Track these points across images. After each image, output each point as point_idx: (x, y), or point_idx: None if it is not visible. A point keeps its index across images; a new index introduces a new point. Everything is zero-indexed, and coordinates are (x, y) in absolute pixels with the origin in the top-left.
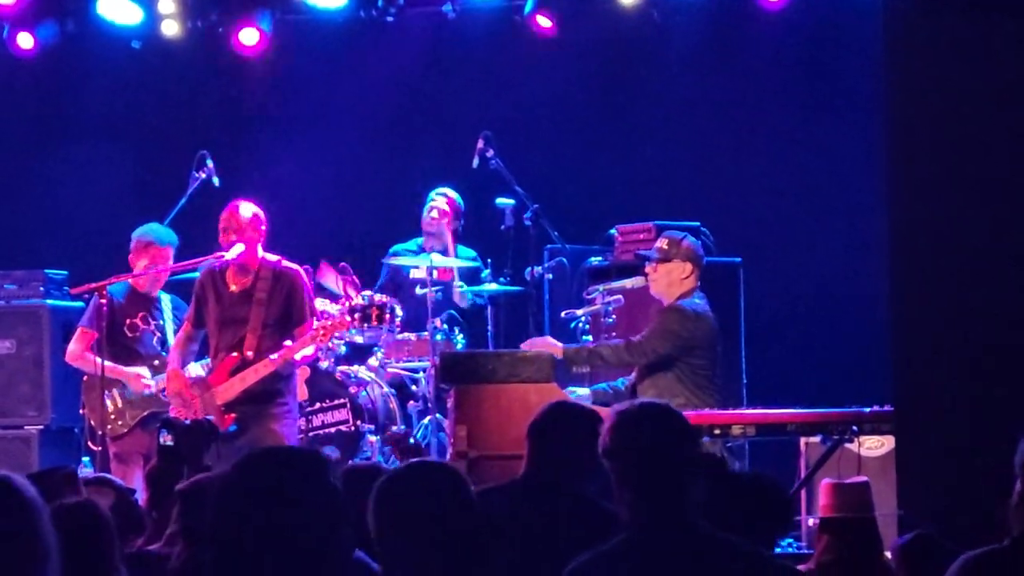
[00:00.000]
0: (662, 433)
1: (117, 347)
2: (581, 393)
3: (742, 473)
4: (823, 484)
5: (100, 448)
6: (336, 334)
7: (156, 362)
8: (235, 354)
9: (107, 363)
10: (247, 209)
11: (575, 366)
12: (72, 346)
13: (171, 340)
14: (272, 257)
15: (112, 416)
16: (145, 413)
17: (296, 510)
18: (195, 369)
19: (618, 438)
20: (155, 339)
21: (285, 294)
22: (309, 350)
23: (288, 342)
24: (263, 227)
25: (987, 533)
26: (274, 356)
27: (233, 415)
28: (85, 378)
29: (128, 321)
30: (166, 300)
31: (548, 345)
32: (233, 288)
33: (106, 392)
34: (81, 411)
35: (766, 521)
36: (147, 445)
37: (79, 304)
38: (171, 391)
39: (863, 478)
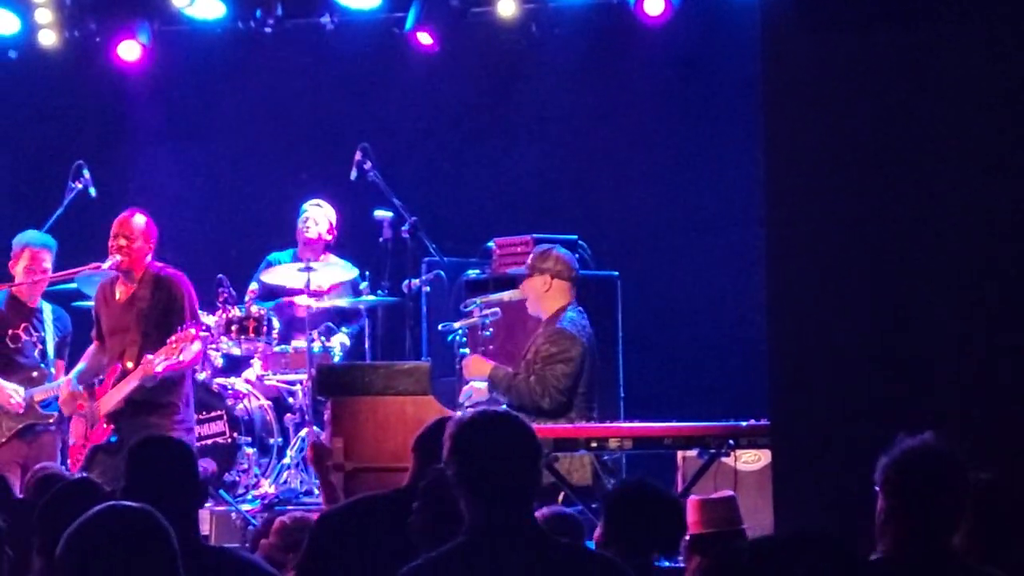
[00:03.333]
0: (502, 439)
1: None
2: (478, 386)
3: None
4: (689, 501)
5: None
6: (184, 346)
7: (35, 373)
8: (118, 364)
9: None
10: (140, 219)
11: (495, 391)
12: None
13: (51, 351)
14: (157, 265)
15: None
16: (21, 425)
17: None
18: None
19: (458, 444)
20: (36, 350)
21: (165, 300)
22: (184, 358)
23: (149, 356)
24: (153, 240)
25: (862, 547)
26: (148, 362)
27: (112, 426)
28: None
29: (10, 332)
30: (47, 310)
31: (480, 362)
32: (119, 296)
33: None
34: None
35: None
36: (24, 455)
37: None
38: (61, 400)
39: (729, 492)
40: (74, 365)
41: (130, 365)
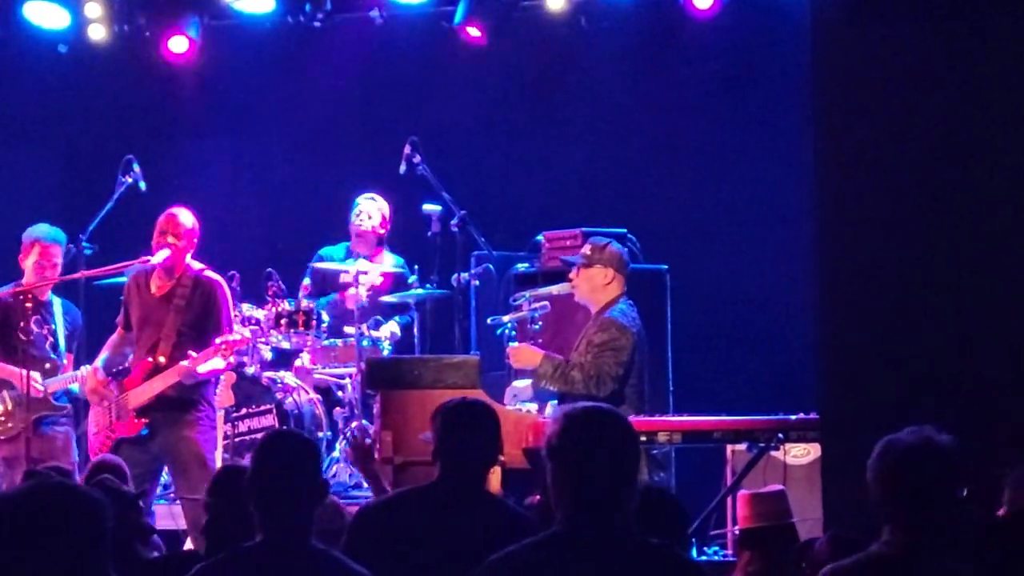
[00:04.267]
0: (607, 436)
1: (9, 349)
2: (520, 385)
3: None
4: (740, 496)
5: None
6: (238, 349)
7: (47, 365)
8: (149, 359)
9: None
10: (187, 216)
11: (543, 381)
12: None
13: (62, 343)
14: (197, 265)
15: (2, 418)
16: (34, 418)
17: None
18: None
19: (563, 439)
20: (48, 343)
21: (203, 302)
22: (218, 364)
23: (193, 353)
24: (197, 238)
25: None
26: (184, 364)
27: (145, 420)
28: None
29: (22, 323)
30: (57, 303)
31: (530, 351)
32: (154, 290)
33: None
34: None
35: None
36: (37, 448)
37: None
38: (88, 388)
39: (779, 486)
40: (84, 357)
41: (162, 360)
